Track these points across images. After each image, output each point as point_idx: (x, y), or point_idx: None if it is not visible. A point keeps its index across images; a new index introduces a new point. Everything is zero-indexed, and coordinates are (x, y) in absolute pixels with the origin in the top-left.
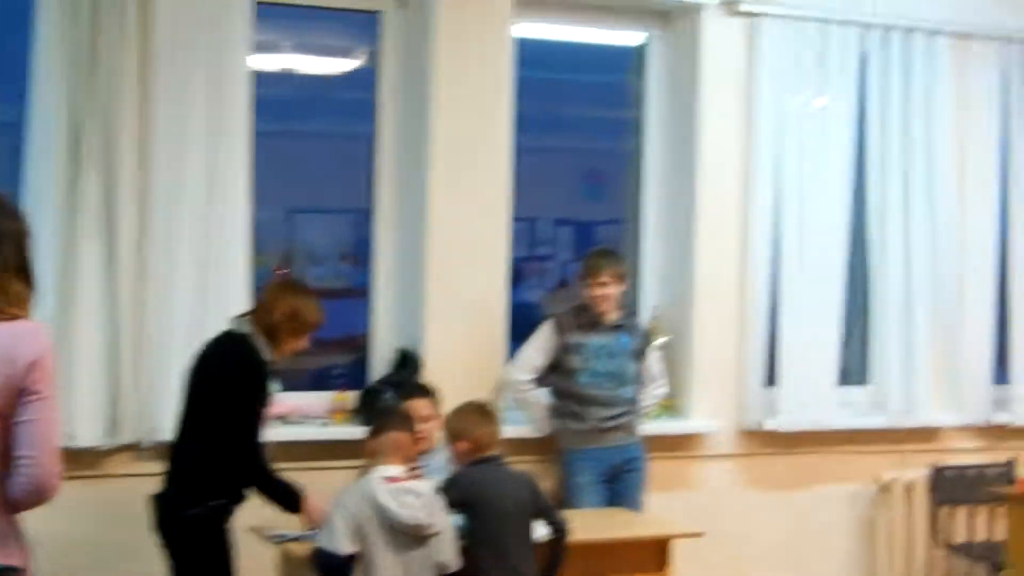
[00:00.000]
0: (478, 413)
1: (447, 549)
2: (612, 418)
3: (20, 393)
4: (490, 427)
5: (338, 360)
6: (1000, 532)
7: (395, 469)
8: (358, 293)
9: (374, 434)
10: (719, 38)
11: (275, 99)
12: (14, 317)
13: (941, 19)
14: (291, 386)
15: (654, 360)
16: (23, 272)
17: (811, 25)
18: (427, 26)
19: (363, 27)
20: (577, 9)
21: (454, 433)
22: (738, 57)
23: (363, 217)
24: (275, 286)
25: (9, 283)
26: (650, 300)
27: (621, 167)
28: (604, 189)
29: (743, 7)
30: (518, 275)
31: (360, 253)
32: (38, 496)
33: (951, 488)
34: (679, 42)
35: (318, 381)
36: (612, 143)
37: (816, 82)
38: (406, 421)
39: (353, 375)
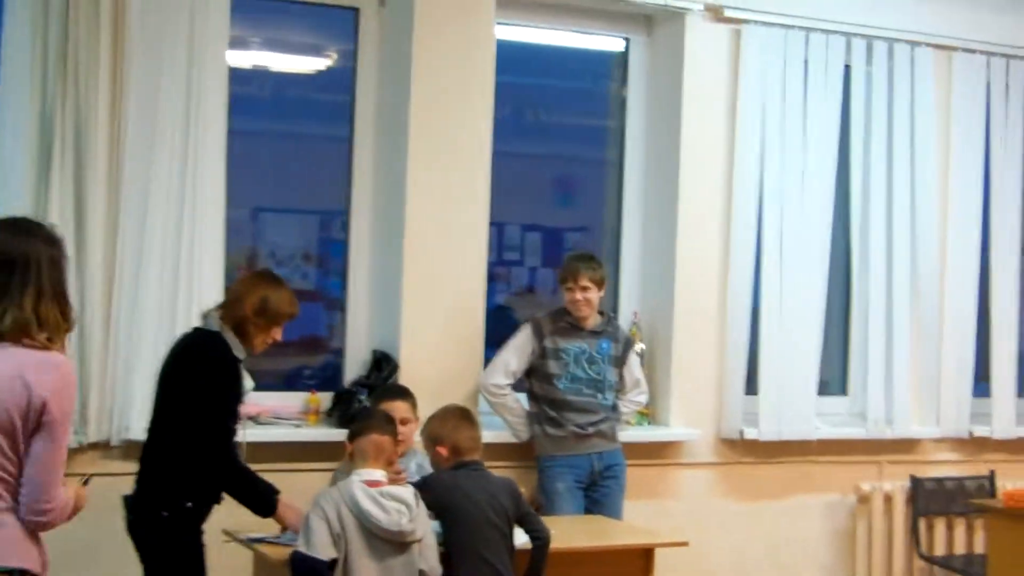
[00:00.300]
0: (459, 417)
1: (429, 556)
2: (591, 424)
3: (33, 422)
4: (471, 432)
5: (303, 361)
6: (979, 544)
7: (376, 473)
8: (319, 295)
9: (354, 436)
10: (703, 44)
11: (246, 97)
12: (45, 347)
13: (924, 31)
14: (263, 386)
15: (634, 366)
16: (59, 299)
17: (796, 33)
18: (406, 25)
19: (338, 25)
20: (558, 12)
21: (434, 438)
22: (722, 64)
23: (331, 218)
24: (245, 278)
25: (45, 310)
26: (628, 307)
27: (593, 174)
28: (574, 196)
29: (728, 13)
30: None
31: (324, 254)
32: (33, 519)
33: (930, 500)
34: (662, 48)
35: (290, 382)
36: (585, 149)
37: (800, 91)
38: (388, 423)
39: (325, 377)
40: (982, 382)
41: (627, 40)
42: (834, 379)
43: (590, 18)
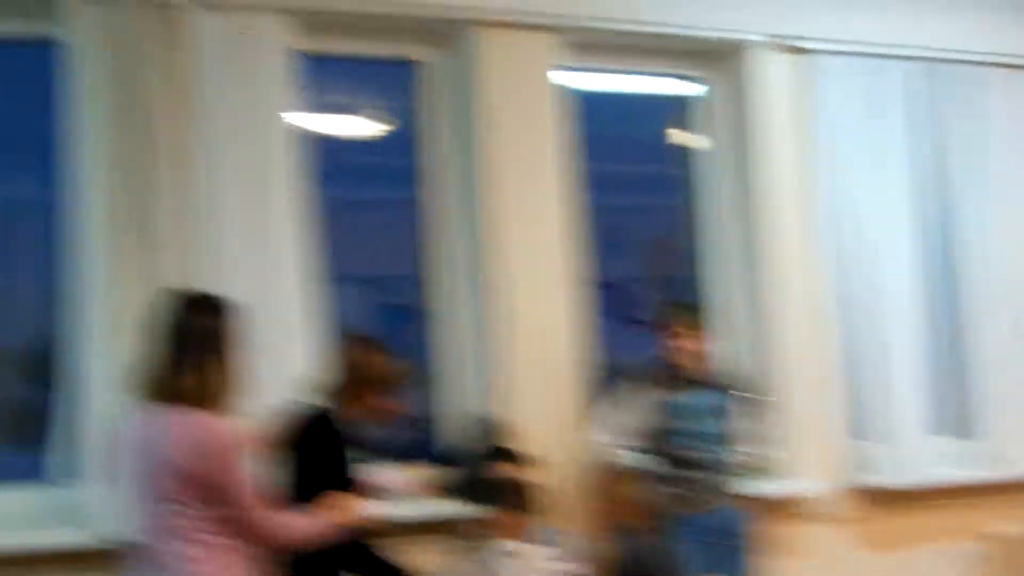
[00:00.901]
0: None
1: None
2: (713, 481)
3: (212, 480)
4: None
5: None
6: None
7: (515, 545)
8: None
9: (489, 508)
10: (772, 77)
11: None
12: (214, 410)
13: (987, 50)
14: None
15: (746, 416)
16: (238, 367)
17: (869, 61)
18: (470, 75)
19: (395, 84)
20: (618, 53)
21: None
22: (792, 96)
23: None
24: (343, 346)
25: (224, 377)
26: (727, 356)
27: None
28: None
29: (796, 43)
30: None
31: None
32: (255, 545)
33: None
34: (729, 84)
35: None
36: (645, 198)
37: (876, 118)
38: (522, 493)
39: (424, 448)
40: None
41: (691, 79)
42: (947, 418)
43: (650, 58)
